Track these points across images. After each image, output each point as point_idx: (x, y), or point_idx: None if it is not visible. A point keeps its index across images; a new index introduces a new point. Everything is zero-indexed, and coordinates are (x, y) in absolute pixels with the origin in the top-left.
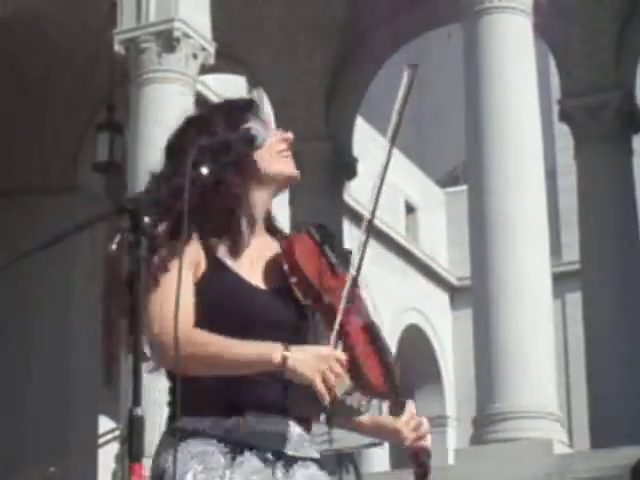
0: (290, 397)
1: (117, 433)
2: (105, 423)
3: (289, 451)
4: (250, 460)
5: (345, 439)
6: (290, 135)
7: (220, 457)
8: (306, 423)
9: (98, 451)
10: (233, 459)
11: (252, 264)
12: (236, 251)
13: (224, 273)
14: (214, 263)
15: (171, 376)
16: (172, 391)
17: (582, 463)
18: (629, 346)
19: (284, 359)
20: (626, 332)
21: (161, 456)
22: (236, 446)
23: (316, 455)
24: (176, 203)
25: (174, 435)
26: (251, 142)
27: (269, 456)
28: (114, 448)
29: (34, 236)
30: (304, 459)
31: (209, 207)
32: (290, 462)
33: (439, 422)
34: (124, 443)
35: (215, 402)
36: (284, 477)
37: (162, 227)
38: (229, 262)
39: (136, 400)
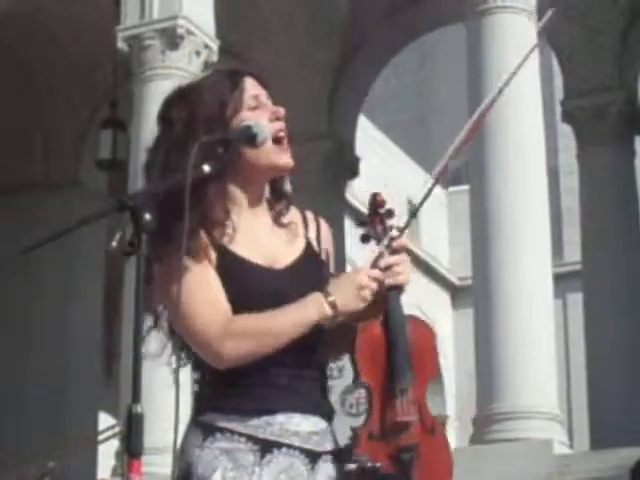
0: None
1: (116, 430)
2: (105, 420)
3: (315, 447)
4: (278, 458)
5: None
6: (281, 110)
7: (250, 455)
8: (328, 417)
9: (97, 448)
10: (262, 457)
11: (262, 245)
12: (237, 238)
13: (232, 261)
14: (222, 253)
15: (199, 366)
16: (200, 382)
17: (582, 463)
18: (630, 347)
19: (333, 306)
20: (627, 333)
21: (188, 450)
22: (265, 444)
23: (335, 447)
24: (176, 200)
25: (201, 429)
26: (252, 140)
27: (296, 454)
28: (113, 445)
29: (36, 232)
30: (328, 453)
31: (202, 200)
32: (315, 459)
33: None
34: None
35: (245, 400)
36: (309, 474)
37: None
38: (235, 249)
39: (135, 397)
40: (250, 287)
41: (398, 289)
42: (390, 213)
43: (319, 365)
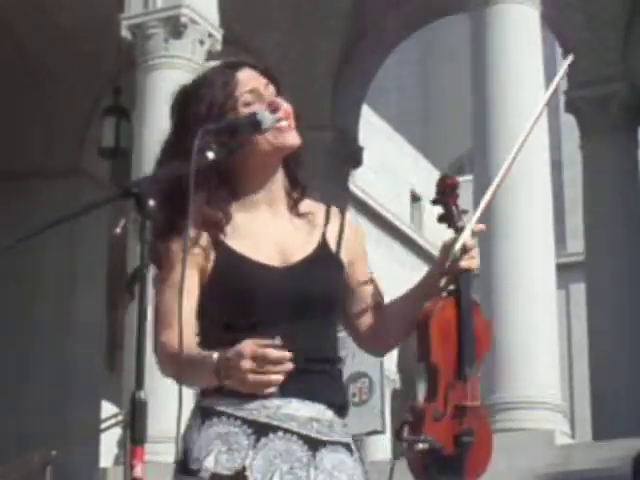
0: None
1: (119, 418)
2: (107, 408)
3: (316, 435)
4: (274, 442)
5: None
6: (277, 101)
7: (244, 438)
8: (339, 408)
9: (100, 436)
10: (257, 441)
11: (272, 240)
12: (239, 234)
13: (227, 256)
14: (221, 251)
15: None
16: None
17: (584, 454)
18: (633, 337)
19: (218, 374)
20: (630, 323)
21: (186, 434)
22: (260, 428)
23: (347, 440)
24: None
25: (200, 413)
26: (257, 126)
27: (294, 439)
28: (116, 433)
29: (38, 219)
30: (334, 443)
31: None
32: (317, 446)
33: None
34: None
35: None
36: (310, 461)
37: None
38: (235, 246)
39: (139, 384)
40: (246, 285)
41: (470, 272)
42: (458, 195)
43: (325, 354)
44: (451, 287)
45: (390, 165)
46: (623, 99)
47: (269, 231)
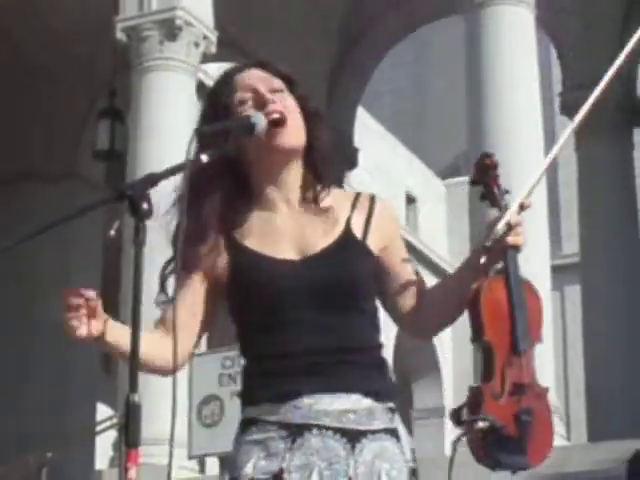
0: None
1: (115, 420)
2: (103, 410)
3: (353, 426)
4: (309, 441)
5: None
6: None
7: (280, 442)
8: (378, 394)
9: (96, 438)
10: (293, 442)
11: (289, 238)
12: (254, 232)
13: (243, 256)
14: (234, 248)
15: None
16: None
17: (579, 456)
18: (628, 338)
19: None
20: (625, 325)
21: (232, 451)
22: (295, 429)
23: (392, 426)
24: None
25: (241, 426)
26: (251, 129)
27: (330, 434)
28: (112, 435)
29: (34, 222)
30: (374, 432)
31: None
32: (357, 437)
33: (437, 413)
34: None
35: (269, 389)
36: (349, 454)
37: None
38: (249, 242)
39: (133, 387)
40: (265, 281)
41: (516, 249)
42: (499, 176)
43: (355, 343)
44: (499, 266)
45: (385, 167)
46: (618, 101)
47: (287, 227)
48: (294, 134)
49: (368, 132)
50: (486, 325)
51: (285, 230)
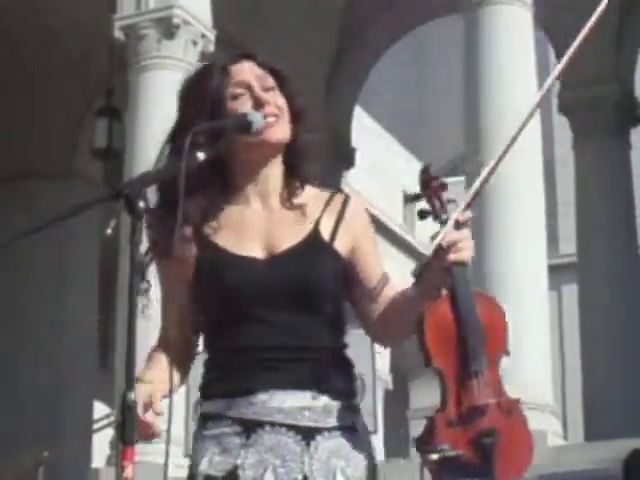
0: None
1: (111, 418)
2: (100, 409)
3: (309, 423)
4: (262, 437)
5: None
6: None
7: (235, 438)
8: (337, 392)
9: (92, 437)
10: (247, 438)
11: (258, 235)
12: (224, 228)
13: (210, 252)
14: (205, 246)
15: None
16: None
17: (576, 455)
18: (625, 338)
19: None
20: (622, 324)
21: (192, 444)
22: (249, 425)
23: (349, 422)
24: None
25: (199, 420)
26: (248, 127)
27: (283, 431)
28: (109, 433)
29: (31, 221)
30: (330, 429)
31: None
32: (312, 435)
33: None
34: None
35: (225, 383)
36: (303, 451)
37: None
38: (216, 238)
39: (129, 385)
40: (227, 278)
41: (463, 265)
42: (443, 186)
43: (313, 342)
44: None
45: (382, 166)
46: (616, 101)
47: (257, 224)
48: (282, 130)
49: (365, 131)
50: (432, 351)
51: (254, 227)
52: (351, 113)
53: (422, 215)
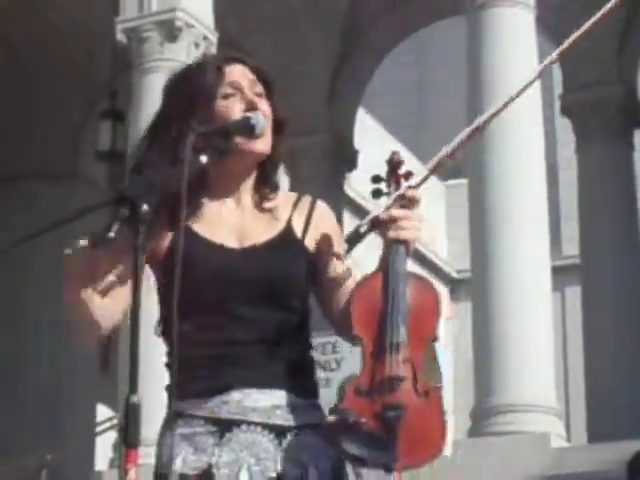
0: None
1: (114, 421)
2: (103, 411)
3: (280, 422)
4: (238, 436)
5: None
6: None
7: (209, 437)
8: (302, 390)
9: (95, 439)
10: (221, 437)
11: (231, 226)
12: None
13: (192, 240)
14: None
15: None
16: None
17: (579, 457)
18: (628, 340)
19: None
20: (625, 326)
21: (158, 441)
22: (223, 424)
23: (314, 420)
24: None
25: (167, 419)
26: (251, 130)
27: (258, 430)
28: (112, 436)
29: (33, 223)
30: (300, 427)
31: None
32: (283, 433)
33: None
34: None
35: (198, 383)
36: (277, 449)
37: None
38: (198, 229)
39: (133, 388)
40: (202, 263)
41: (404, 244)
42: (409, 174)
43: (284, 340)
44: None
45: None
46: (619, 103)
47: (232, 220)
48: (266, 141)
49: (368, 133)
50: (355, 319)
51: (229, 222)
52: (354, 115)
53: (375, 194)
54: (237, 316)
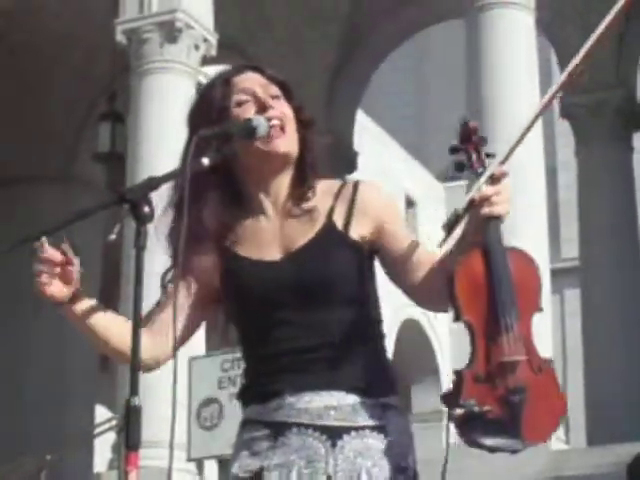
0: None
1: (114, 423)
2: (102, 412)
3: (335, 423)
4: (290, 439)
5: None
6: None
7: (264, 441)
8: (365, 390)
9: (94, 441)
10: (275, 441)
11: (275, 239)
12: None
13: (232, 262)
14: (226, 257)
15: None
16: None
17: (578, 460)
18: (627, 343)
19: None
20: (624, 329)
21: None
22: (277, 428)
23: (379, 422)
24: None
25: (239, 427)
26: (252, 132)
27: (309, 432)
28: (111, 438)
29: (33, 225)
30: (358, 428)
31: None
32: (338, 434)
33: (436, 417)
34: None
35: (256, 389)
36: (329, 452)
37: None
38: (238, 249)
39: (133, 390)
40: (247, 283)
41: (497, 219)
42: (483, 140)
43: (337, 339)
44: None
45: (385, 170)
46: (618, 106)
47: (272, 230)
48: (290, 141)
49: (368, 135)
50: (463, 304)
51: (270, 233)
52: (353, 117)
53: (458, 167)
54: (295, 324)
